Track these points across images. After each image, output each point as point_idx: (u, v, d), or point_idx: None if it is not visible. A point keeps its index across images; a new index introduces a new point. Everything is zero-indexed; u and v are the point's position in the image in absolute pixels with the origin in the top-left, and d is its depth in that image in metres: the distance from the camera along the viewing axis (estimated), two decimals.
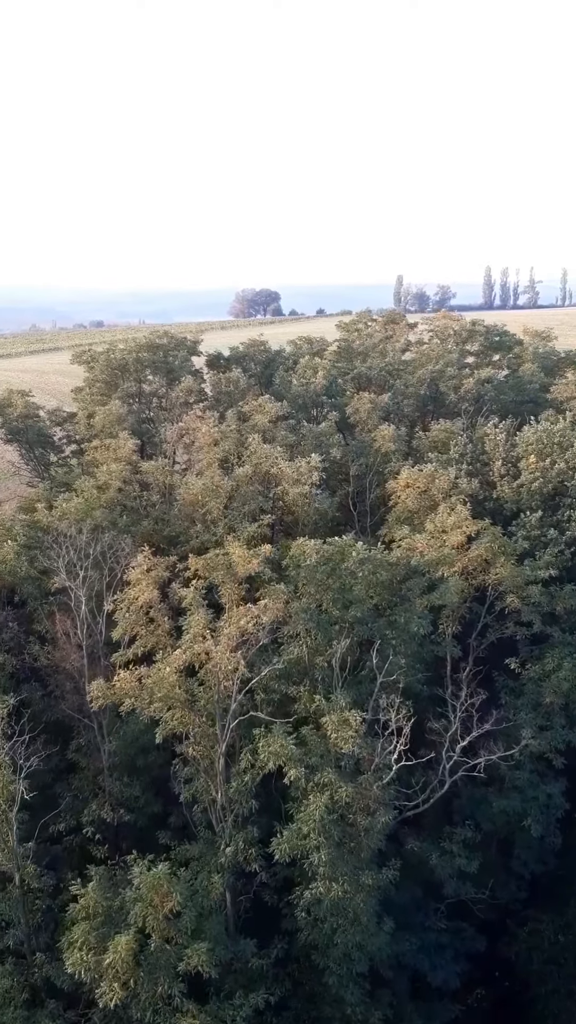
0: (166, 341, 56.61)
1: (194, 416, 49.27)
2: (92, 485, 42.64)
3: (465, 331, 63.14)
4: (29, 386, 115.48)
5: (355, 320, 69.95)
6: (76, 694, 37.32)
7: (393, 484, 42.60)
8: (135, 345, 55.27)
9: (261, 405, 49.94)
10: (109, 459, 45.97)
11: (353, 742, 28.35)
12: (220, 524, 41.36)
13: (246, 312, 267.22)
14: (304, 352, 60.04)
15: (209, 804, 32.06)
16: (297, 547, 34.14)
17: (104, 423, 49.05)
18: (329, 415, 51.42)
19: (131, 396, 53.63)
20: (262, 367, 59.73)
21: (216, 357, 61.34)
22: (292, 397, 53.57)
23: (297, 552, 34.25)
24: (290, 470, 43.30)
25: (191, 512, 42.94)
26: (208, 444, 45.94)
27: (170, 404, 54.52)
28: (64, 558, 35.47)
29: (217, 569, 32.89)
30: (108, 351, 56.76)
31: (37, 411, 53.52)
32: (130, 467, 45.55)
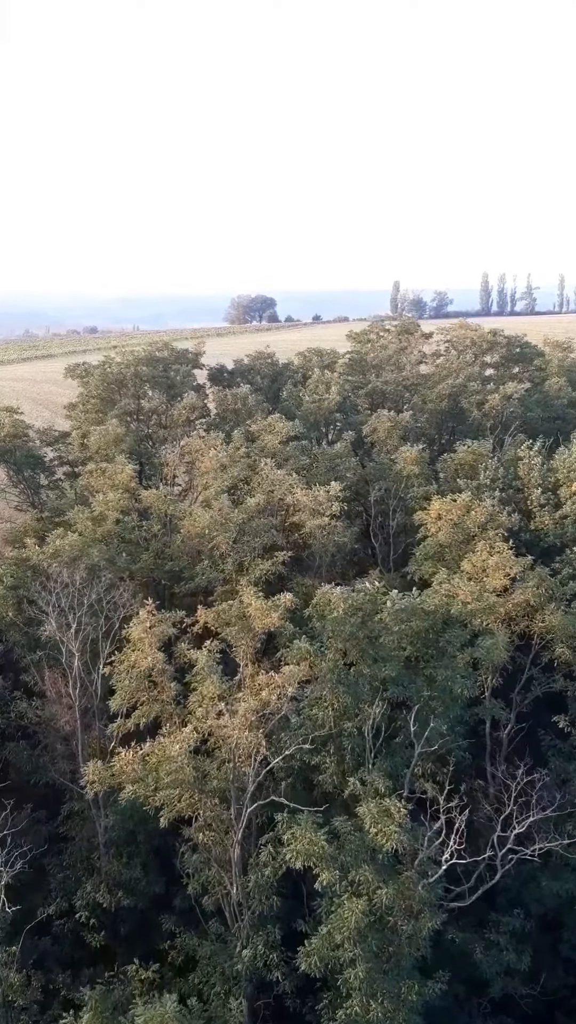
0: (167, 354, 51.98)
1: (198, 437, 44.64)
2: (87, 516, 37.97)
3: (485, 342, 58.72)
4: (21, 396, 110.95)
5: (367, 330, 65.43)
6: (68, 760, 32.67)
7: (422, 515, 38.05)
8: (133, 358, 50.60)
9: (271, 425, 45.36)
10: (105, 486, 41.32)
11: (396, 838, 23.75)
12: (229, 560, 36.77)
13: (242, 318, 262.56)
14: (314, 365, 55.48)
15: (222, 896, 27.46)
16: (322, 596, 29.52)
17: (100, 444, 44.38)
18: (344, 435, 46.87)
19: (129, 413, 49.00)
20: (269, 381, 55.18)
21: (219, 371, 56.75)
22: (303, 415, 49.03)
23: (321, 601, 29.65)
24: (307, 499, 38.74)
25: (196, 545, 38.34)
26: (214, 469, 41.31)
27: (171, 422, 49.90)
28: (55, 607, 30.84)
29: (230, 623, 28.31)
30: (104, 365, 52.08)
31: (26, 430, 48.80)
32: (128, 494, 40.90)
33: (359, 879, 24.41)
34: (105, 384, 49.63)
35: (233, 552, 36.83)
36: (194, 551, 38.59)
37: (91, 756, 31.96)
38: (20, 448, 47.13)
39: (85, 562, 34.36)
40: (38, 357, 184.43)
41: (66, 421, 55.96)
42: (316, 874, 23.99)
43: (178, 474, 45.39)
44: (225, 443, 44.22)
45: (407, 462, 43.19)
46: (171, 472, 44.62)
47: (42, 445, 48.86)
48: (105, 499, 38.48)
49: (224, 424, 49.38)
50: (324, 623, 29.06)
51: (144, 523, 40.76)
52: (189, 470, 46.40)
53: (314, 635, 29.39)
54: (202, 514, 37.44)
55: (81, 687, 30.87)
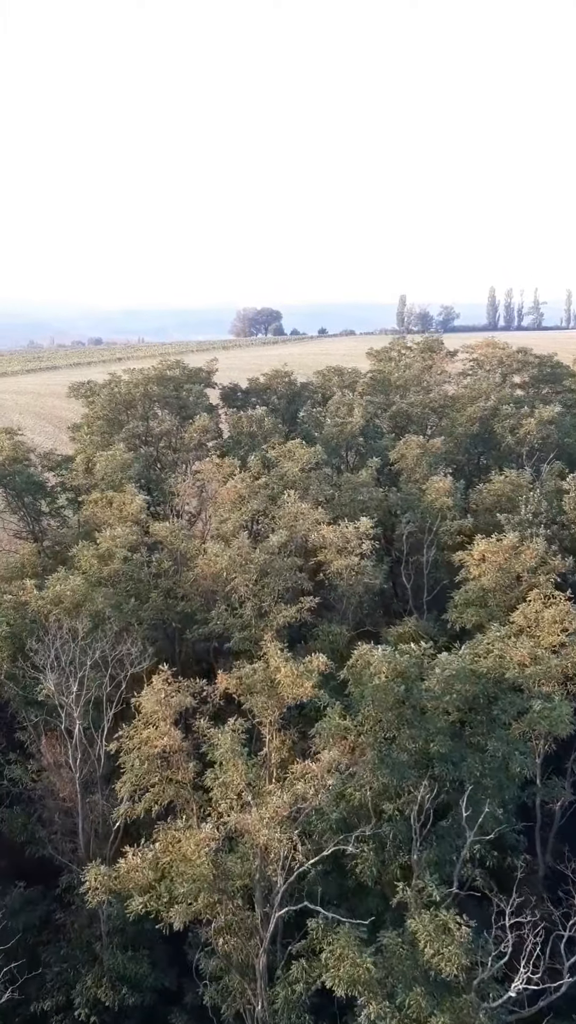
0: (178, 373, 48.21)
1: (212, 463, 40.86)
2: (92, 554, 34.15)
3: (515, 361, 55.02)
4: (24, 410, 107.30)
5: (387, 348, 61.71)
6: (67, 837, 28.71)
7: (463, 556, 34.20)
8: (142, 377, 46.84)
9: (291, 451, 41.57)
10: (113, 517, 37.53)
11: (457, 960, 19.78)
12: (248, 604, 32.90)
13: (247, 331, 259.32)
14: (335, 385, 51.71)
15: (244, 1007, 23.51)
16: (359, 657, 25.61)
17: (106, 471, 40.58)
18: (369, 461, 43.05)
19: (137, 436, 45.26)
20: (286, 401, 51.42)
21: (233, 390, 53.00)
22: (324, 439, 45.25)
23: (359, 663, 25.74)
24: (334, 536, 34.90)
25: (211, 585, 34.52)
26: (232, 500, 37.51)
27: (182, 445, 46.15)
28: (54, 665, 26.94)
29: (256, 691, 24.40)
30: (111, 384, 48.36)
31: (28, 454, 45.01)
32: (138, 527, 37.10)
33: (409, 1003, 20.45)
34: (112, 405, 45.90)
35: (253, 596, 32.99)
36: (208, 592, 34.77)
37: (93, 832, 28.19)
38: (20, 473, 43.33)
39: (89, 608, 30.53)
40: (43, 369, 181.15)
41: (71, 438, 52.20)
42: (359, 1002, 20.07)
43: (189, 501, 41.58)
44: (240, 468, 40.49)
45: (439, 493, 39.39)
46: (183, 502, 40.81)
47: (44, 470, 45.06)
48: (112, 534, 34.66)
49: (238, 448, 45.61)
50: (363, 690, 25.16)
51: (153, 558, 36.94)
52: (200, 493, 42.70)
53: (350, 702, 25.54)
54: (219, 553, 33.59)
55: (83, 757, 26.95)
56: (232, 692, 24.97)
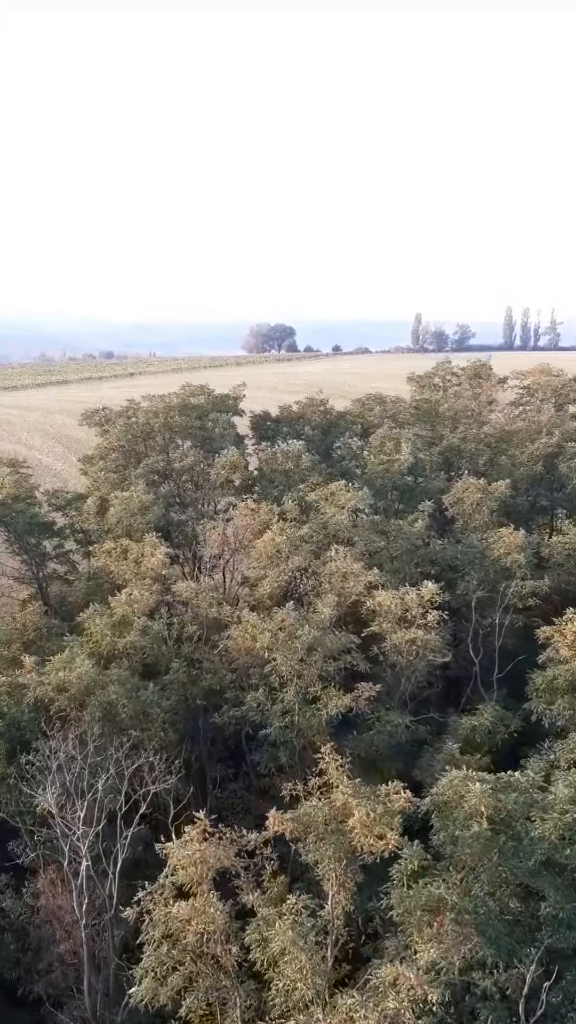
0: (203, 400, 42.46)
1: (246, 507, 35.06)
2: (105, 623, 28.39)
3: (573, 391, 49.25)
4: (33, 428, 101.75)
5: (431, 373, 55.93)
6: (69, 967, 22.75)
7: (550, 632, 28.30)
8: (163, 405, 41.13)
9: (334, 493, 35.77)
10: (129, 571, 31.79)
11: None
12: (291, 688, 27.02)
13: (260, 347, 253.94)
14: (377, 416, 45.92)
15: None
16: (451, 788, 19.67)
17: (122, 515, 34.85)
18: (422, 505, 37.21)
19: (156, 472, 39.56)
20: (321, 432, 45.65)
21: (262, 418, 47.24)
22: (369, 478, 39.47)
23: (451, 797, 19.77)
24: (391, 602, 29.06)
25: (246, 660, 28.71)
26: (269, 554, 31.73)
27: (207, 482, 40.43)
28: (56, 781, 21.15)
29: (321, 836, 18.50)
30: (128, 411, 42.65)
31: (32, 491, 39.28)
32: (159, 584, 31.37)
33: None
34: (129, 436, 40.22)
35: (297, 676, 27.12)
36: (242, 667, 28.96)
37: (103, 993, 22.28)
38: (23, 513, 37.61)
39: (100, 699, 24.71)
40: (53, 383, 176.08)
41: (82, 471, 46.39)
42: None
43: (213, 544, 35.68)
44: (275, 514, 34.74)
45: (509, 548, 33.57)
46: (213, 550, 35.00)
47: (51, 510, 39.27)
48: (129, 598, 28.88)
49: (271, 486, 39.84)
50: (453, 833, 19.21)
51: (175, 620, 31.15)
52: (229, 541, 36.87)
53: (439, 851, 19.57)
54: (257, 624, 27.76)
55: (90, 900, 21.07)
56: (288, 835, 18.99)
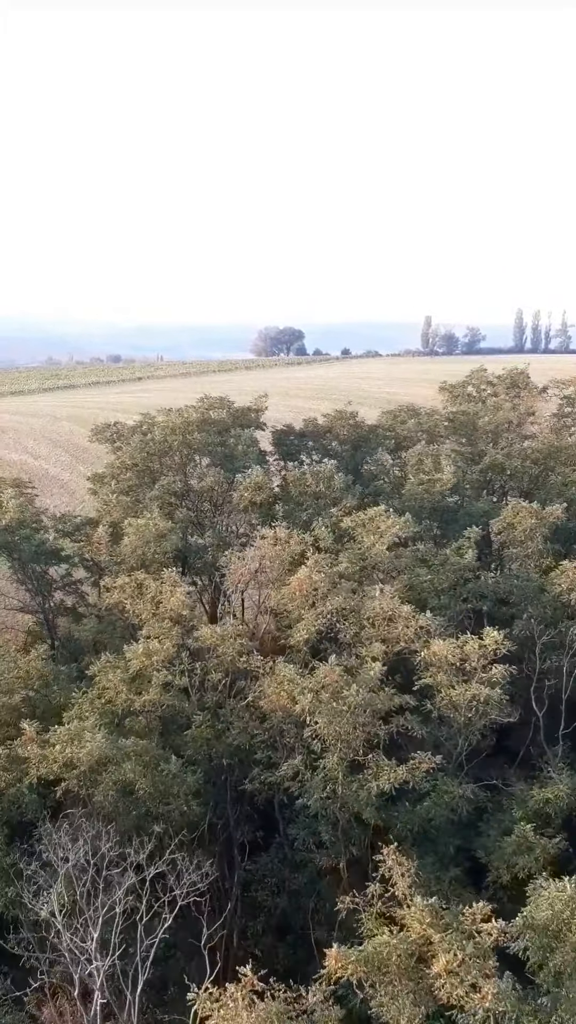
0: (224, 415, 38.59)
1: (274, 539, 31.20)
2: (120, 678, 24.58)
3: None
4: (39, 436, 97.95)
5: (465, 382, 52.00)
6: None
7: None
8: (181, 421, 37.24)
9: (374, 521, 31.86)
10: (146, 611, 27.96)
11: None
12: (334, 754, 23.20)
13: (269, 350, 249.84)
14: (411, 429, 41.98)
15: None
16: (553, 912, 15.80)
17: (137, 544, 31.04)
18: (468, 531, 33.28)
19: (173, 493, 35.76)
20: (351, 448, 41.79)
21: (285, 433, 43.37)
22: (408, 500, 35.60)
23: (545, 907, 15.95)
24: (447, 652, 25.17)
25: (280, 719, 24.90)
26: (304, 594, 27.85)
27: (229, 505, 36.65)
28: (63, 896, 17.37)
29: (395, 984, 14.67)
30: (142, 426, 38.85)
31: (38, 515, 35.51)
32: (180, 627, 27.52)
33: None
34: (144, 454, 36.42)
35: (341, 740, 23.28)
36: (275, 724, 25.13)
37: None
38: (27, 540, 33.86)
39: (115, 776, 20.92)
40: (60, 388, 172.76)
41: (90, 490, 42.53)
42: None
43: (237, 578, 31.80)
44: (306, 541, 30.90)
45: (574, 583, 29.67)
46: (236, 587, 31.15)
47: (58, 536, 35.43)
48: (147, 648, 25.05)
49: (299, 509, 35.96)
50: (553, 960, 15.37)
51: (197, 666, 27.33)
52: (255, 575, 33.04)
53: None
54: (295, 681, 23.90)
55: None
56: (345, 970, 15.16)
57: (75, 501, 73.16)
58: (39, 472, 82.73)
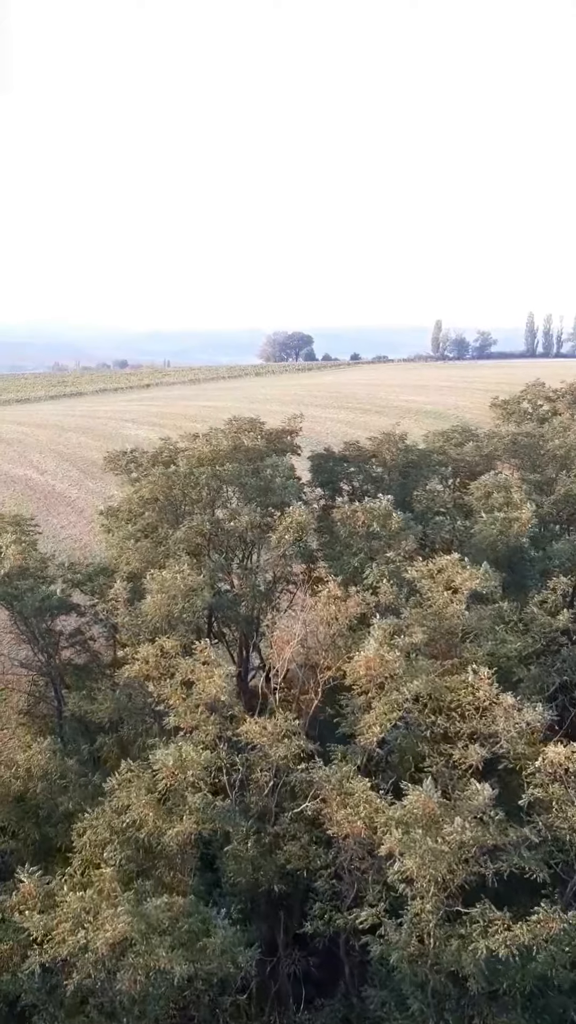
0: (260, 443, 32.71)
1: (328, 599, 25.39)
2: (148, 800, 18.87)
3: None
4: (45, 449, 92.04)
5: (520, 396, 46.23)
6: None
7: None
8: (210, 450, 31.39)
9: (445, 572, 26.06)
10: (175, 698, 22.22)
11: None
12: (428, 902, 17.45)
13: (277, 355, 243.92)
14: (471, 453, 36.17)
15: None
16: None
17: (162, 603, 25.26)
18: (554, 582, 27.53)
19: (201, 534, 30.02)
20: (399, 475, 36.00)
21: (324, 458, 37.57)
22: (480, 544, 29.82)
23: None
24: (566, 758, 19.42)
25: (347, 847, 19.17)
26: (381, 672, 22.04)
27: (265, 545, 30.91)
28: None
29: None
30: (162, 454, 33.10)
31: (44, 561, 29.71)
32: (217, 715, 21.82)
33: None
34: (167, 489, 30.66)
35: (436, 887, 17.54)
36: (345, 856, 19.40)
37: None
38: (31, 592, 28.10)
39: (141, 961, 15.20)
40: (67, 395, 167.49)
41: (103, 527, 36.63)
42: None
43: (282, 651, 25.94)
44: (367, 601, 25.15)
45: None
46: (280, 657, 25.30)
47: (69, 587, 29.58)
48: (179, 758, 19.31)
49: (347, 553, 30.18)
50: None
51: (237, 762, 21.64)
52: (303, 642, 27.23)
53: None
54: (378, 807, 18.16)
55: None
56: None
57: (83, 521, 67.47)
58: (45, 489, 77.03)
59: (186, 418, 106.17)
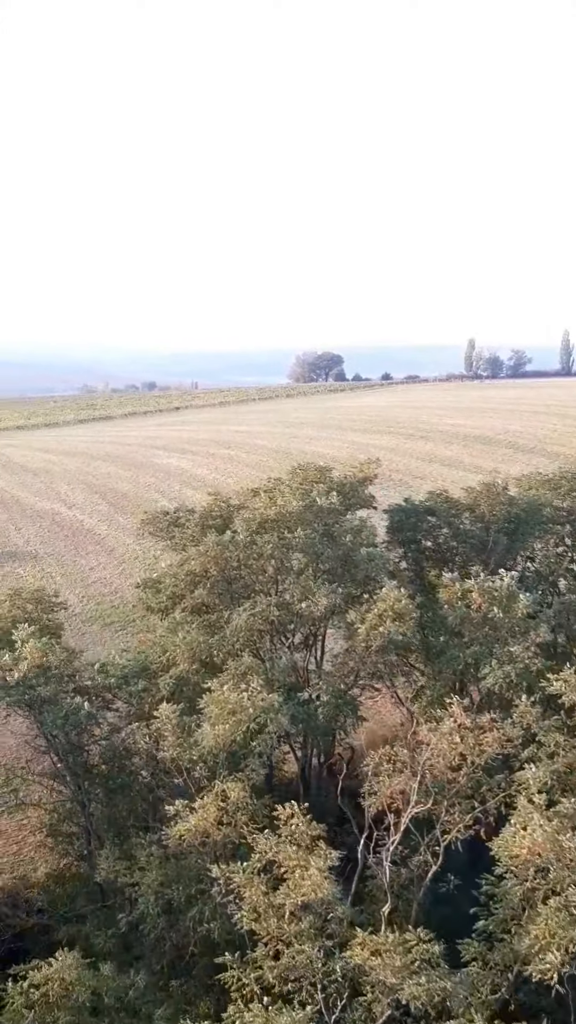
0: (335, 500, 25.67)
1: (451, 729, 18.38)
2: None
3: None
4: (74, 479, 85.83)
5: None
6: None
7: None
8: (276, 511, 24.56)
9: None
10: (254, 893, 15.36)
11: None
12: None
13: (307, 376, 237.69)
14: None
15: None
16: None
17: (225, 736, 18.43)
18: None
19: (269, 621, 23.14)
20: (506, 537, 28.87)
21: (405, 513, 30.51)
22: None
23: None
24: None
25: None
26: (538, 853, 15.04)
27: (349, 633, 23.96)
28: None
29: None
30: (214, 514, 26.37)
31: (71, 661, 22.99)
32: (313, 920, 14.92)
33: None
34: (223, 559, 23.86)
35: None
36: None
37: None
38: (53, 702, 21.43)
39: None
40: (96, 419, 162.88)
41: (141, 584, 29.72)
42: None
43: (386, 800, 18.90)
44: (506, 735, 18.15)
45: None
46: (387, 809, 18.24)
47: (98, 692, 22.80)
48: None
49: (458, 645, 23.15)
50: None
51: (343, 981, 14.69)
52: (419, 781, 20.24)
53: None
54: None
55: None
56: None
57: (113, 561, 61.13)
58: (73, 525, 70.93)
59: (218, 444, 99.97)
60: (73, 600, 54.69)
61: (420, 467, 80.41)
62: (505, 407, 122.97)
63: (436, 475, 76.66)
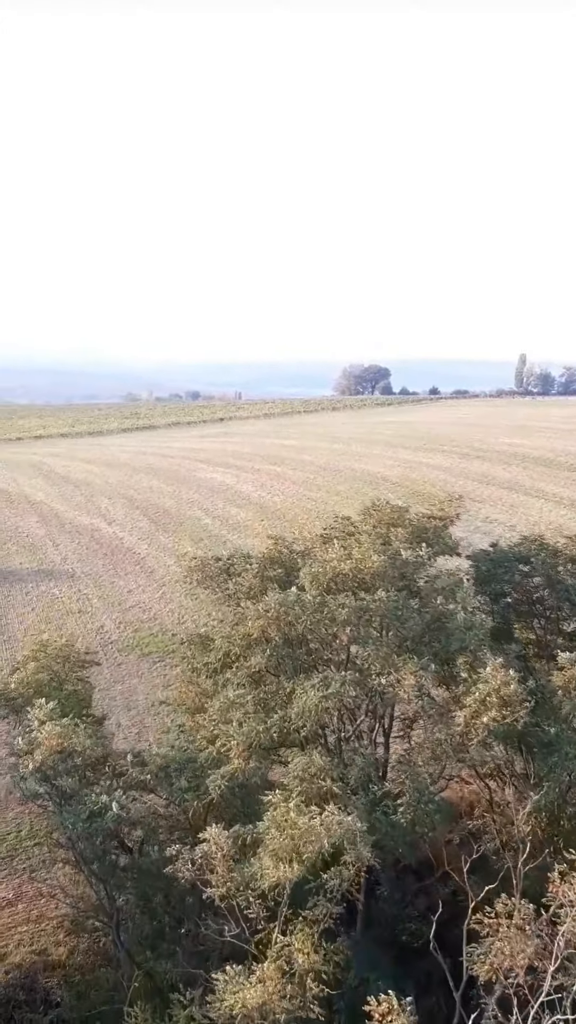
0: (422, 553, 20.87)
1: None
2: None
3: None
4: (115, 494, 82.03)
5: None
6: None
7: None
8: (351, 565, 19.87)
9: None
10: None
11: None
12: None
13: (352, 388, 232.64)
14: None
15: None
16: None
17: (291, 874, 14.01)
18: None
19: (346, 699, 18.60)
20: None
21: (493, 562, 25.74)
22: None
23: None
24: None
25: None
26: None
27: (443, 718, 19.33)
28: None
29: None
30: (273, 563, 21.98)
31: (102, 745, 18.68)
32: None
33: None
34: (287, 623, 19.46)
35: None
36: None
37: None
38: (75, 799, 17.20)
39: None
40: (139, 428, 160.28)
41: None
42: None
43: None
44: None
45: None
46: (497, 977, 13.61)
47: (131, 786, 18.41)
48: None
49: (570, 741, 18.44)
50: None
51: None
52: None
53: None
54: None
55: None
56: None
57: (153, 584, 57.11)
58: (113, 542, 67.00)
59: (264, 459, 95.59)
60: (110, 625, 50.68)
61: (478, 490, 74.98)
62: (563, 426, 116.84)
63: (496, 499, 71.32)
